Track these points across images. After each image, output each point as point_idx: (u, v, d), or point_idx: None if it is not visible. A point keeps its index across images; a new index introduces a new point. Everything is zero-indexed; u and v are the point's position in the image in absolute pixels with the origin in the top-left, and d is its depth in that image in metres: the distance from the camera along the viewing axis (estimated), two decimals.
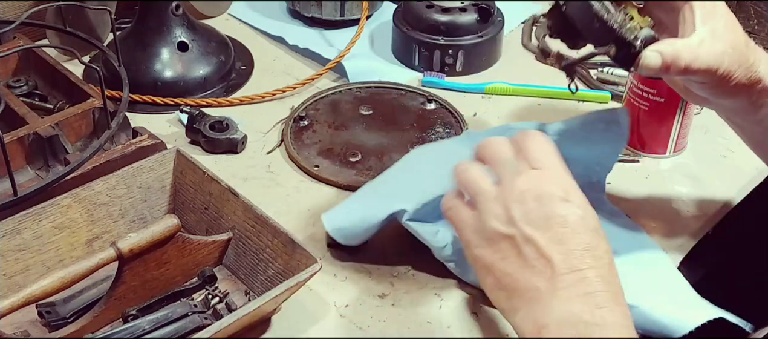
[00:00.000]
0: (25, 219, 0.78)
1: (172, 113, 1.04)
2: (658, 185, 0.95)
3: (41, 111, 0.96)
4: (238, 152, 0.98)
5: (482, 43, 1.13)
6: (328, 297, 0.81)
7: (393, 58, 1.17)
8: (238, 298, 0.79)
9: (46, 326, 0.75)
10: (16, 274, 0.77)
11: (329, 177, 0.94)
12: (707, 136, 1.02)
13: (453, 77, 1.12)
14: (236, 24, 1.24)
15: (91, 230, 0.82)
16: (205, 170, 0.84)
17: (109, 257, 0.73)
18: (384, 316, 0.79)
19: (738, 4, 1.18)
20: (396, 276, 0.83)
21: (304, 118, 1.03)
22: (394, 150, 0.99)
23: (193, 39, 1.09)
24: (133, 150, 0.90)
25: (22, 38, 1.05)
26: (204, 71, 1.08)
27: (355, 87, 1.09)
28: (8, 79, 1.02)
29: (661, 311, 0.76)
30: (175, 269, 0.78)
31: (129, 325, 0.73)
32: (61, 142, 0.90)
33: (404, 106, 1.07)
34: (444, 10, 1.12)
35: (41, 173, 0.90)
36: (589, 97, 1.09)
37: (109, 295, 0.75)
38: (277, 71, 1.14)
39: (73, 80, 0.98)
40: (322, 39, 1.20)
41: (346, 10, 1.20)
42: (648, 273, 0.81)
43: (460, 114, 1.04)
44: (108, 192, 0.83)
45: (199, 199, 0.85)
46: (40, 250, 0.79)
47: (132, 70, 1.00)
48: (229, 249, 0.82)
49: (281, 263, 0.77)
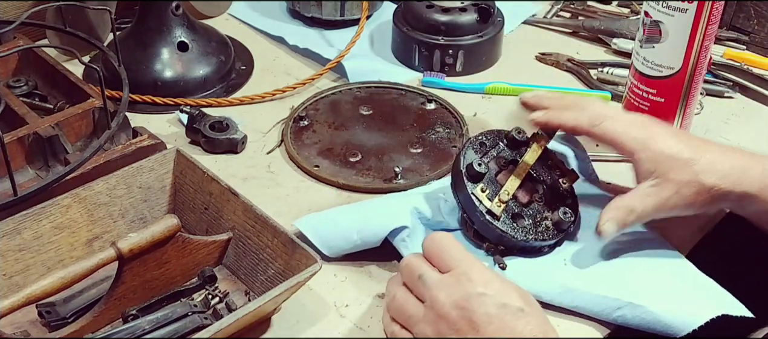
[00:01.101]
0: (25, 219, 0.78)
1: (172, 113, 1.04)
2: None
3: (41, 111, 0.96)
4: (238, 152, 0.98)
5: (482, 43, 1.13)
6: (328, 297, 0.81)
7: (393, 58, 1.17)
8: (238, 298, 0.79)
9: (46, 326, 0.75)
10: (16, 274, 0.77)
11: (329, 177, 0.94)
12: (707, 136, 1.02)
13: (453, 77, 1.12)
14: (236, 24, 1.24)
15: (91, 230, 0.82)
16: (205, 170, 0.84)
17: (109, 257, 0.73)
18: None
19: (738, 4, 1.18)
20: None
21: (304, 118, 1.03)
22: (394, 150, 0.99)
23: (193, 39, 1.09)
24: (133, 150, 0.90)
25: (22, 38, 1.05)
26: (204, 71, 1.08)
27: (355, 87, 1.09)
28: (8, 79, 1.02)
29: (665, 310, 0.76)
30: (175, 269, 0.78)
31: (129, 325, 0.73)
32: (61, 142, 0.90)
33: (404, 106, 1.07)
34: (444, 10, 1.12)
35: (41, 173, 0.90)
36: (589, 97, 1.09)
37: (109, 295, 0.75)
38: (277, 71, 1.14)
39: (73, 80, 0.98)
40: (322, 39, 1.20)
41: (346, 10, 1.20)
42: (653, 269, 0.81)
43: (460, 114, 1.04)
44: (108, 192, 0.83)
45: (199, 199, 0.85)
46: (40, 250, 0.79)
47: (132, 70, 1.00)
48: (229, 249, 0.82)
49: (281, 263, 0.77)
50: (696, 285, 0.80)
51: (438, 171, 0.95)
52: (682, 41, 0.89)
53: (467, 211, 0.82)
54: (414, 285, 0.71)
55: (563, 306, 0.78)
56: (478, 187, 0.81)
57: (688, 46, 0.89)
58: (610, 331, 0.79)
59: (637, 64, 0.93)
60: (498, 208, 0.81)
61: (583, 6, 1.28)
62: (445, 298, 0.68)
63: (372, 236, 0.82)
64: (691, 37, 0.88)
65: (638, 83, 0.95)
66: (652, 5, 0.89)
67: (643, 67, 0.93)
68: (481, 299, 0.67)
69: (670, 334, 0.76)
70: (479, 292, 0.68)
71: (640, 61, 0.93)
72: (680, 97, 0.92)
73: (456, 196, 0.83)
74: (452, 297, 0.68)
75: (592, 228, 0.86)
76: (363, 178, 0.94)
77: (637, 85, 0.95)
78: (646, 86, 0.94)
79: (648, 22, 0.90)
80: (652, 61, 0.92)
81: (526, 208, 0.83)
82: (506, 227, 0.81)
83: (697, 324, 0.75)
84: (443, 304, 0.68)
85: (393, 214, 0.82)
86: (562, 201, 0.84)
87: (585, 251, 0.84)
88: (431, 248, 0.73)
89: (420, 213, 0.84)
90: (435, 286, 0.69)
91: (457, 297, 0.68)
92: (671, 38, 0.89)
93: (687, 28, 0.88)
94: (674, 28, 0.88)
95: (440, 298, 0.68)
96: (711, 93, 1.09)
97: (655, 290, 0.78)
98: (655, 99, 0.94)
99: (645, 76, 0.93)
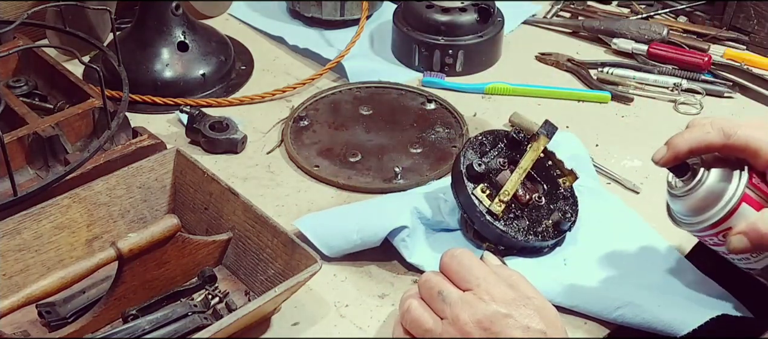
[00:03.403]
0: (25, 219, 0.78)
1: (172, 113, 1.04)
2: (658, 185, 0.94)
3: (41, 111, 0.96)
4: (238, 152, 0.98)
5: (482, 43, 1.13)
6: (328, 297, 0.81)
7: (393, 58, 1.17)
8: (238, 298, 0.79)
9: (46, 326, 0.75)
10: (16, 274, 0.77)
11: (329, 177, 0.94)
12: None
13: (453, 77, 1.12)
14: (236, 24, 1.24)
15: (91, 230, 0.82)
16: (205, 170, 0.84)
17: (109, 257, 0.73)
18: (384, 316, 0.79)
19: (738, 4, 1.18)
20: (396, 276, 0.83)
21: (304, 118, 1.03)
22: (394, 150, 0.99)
23: (193, 39, 1.09)
24: (133, 150, 0.90)
25: (22, 38, 1.05)
26: (204, 71, 1.08)
27: (355, 87, 1.09)
28: (8, 79, 1.02)
29: (665, 310, 0.76)
30: (175, 269, 0.78)
31: (129, 325, 0.73)
32: (61, 142, 0.90)
33: (404, 106, 1.07)
34: (444, 10, 1.12)
35: (41, 173, 0.90)
36: (589, 97, 1.09)
37: (109, 295, 0.75)
38: (277, 71, 1.14)
39: (73, 80, 0.98)
40: (322, 39, 1.20)
41: (346, 10, 1.20)
42: (653, 269, 0.81)
43: (460, 114, 1.04)
44: (108, 192, 0.83)
45: (199, 199, 0.85)
46: (40, 250, 0.79)
47: (132, 70, 1.00)
48: (229, 249, 0.82)
49: (281, 263, 0.77)
50: (696, 285, 0.80)
51: (438, 171, 0.95)
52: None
53: (467, 211, 0.82)
54: (432, 300, 0.71)
55: (563, 306, 0.78)
56: (478, 187, 0.81)
57: None
58: (610, 331, 0.79)
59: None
60: (498, 208, 0.81)
61: (583, 6, 1.28)
62: (468, 316, 0.68)
63: (372, 236, 0.82)
64: None
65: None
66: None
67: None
68: (505, 321, 0.67)
69: (670, 333, 0.76)
70: (504, 313, 0.67)
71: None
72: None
73: (456, 196, 0.83)
74: (475, 316, 0.68)
75: (592, 228, 0.86)
76: (363, 178, 0.94)
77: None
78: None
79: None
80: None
81: (526, 208, 0.83)
82: (506, 227, 0.81)
83: (697, 324, 0.75)
84: (466, 322, 0.68)
85: (393, 214, 0.82)
86: (562, 201, 0.84)
87: (585, 251, 0.84)
88: (451, 264, 0.72)
89: (420, 213, 0.84)
90: (456, 304, 0.69)
91: (480, 316, 0.67)
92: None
93: None
94: None
95: (463, 316, 0.68)
96: (711, 93, 1.09)
97: (655, 290, 0.78)
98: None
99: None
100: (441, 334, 0.69)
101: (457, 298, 0.69)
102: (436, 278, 0.72)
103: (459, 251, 0.73)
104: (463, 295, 0.69)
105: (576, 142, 0.95)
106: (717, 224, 0.71)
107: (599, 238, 0.85)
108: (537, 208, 0.83)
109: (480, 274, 0.70)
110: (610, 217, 0.88)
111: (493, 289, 0.69)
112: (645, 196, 0.93)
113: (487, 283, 0.69)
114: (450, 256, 0.72)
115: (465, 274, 0.71)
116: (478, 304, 0.68)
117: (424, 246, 0.83)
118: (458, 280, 0.71)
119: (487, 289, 0.69)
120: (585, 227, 0.85)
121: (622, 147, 1.00)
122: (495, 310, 0.67)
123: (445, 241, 0.84)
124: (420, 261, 0.82)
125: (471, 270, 0.71)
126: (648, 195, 0.93)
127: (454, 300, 0.69)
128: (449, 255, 0.73)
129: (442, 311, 0.69)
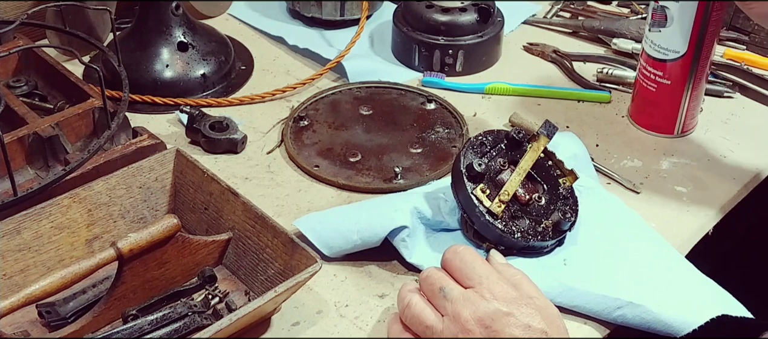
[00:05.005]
0: (25, 219, 0.78)
1: (172, 113, 1.04)
2: (658, 185, 0.95)
3: (41, 111, 0.96)
4: (238, 152, 0.98)
5: (482, 43, 1.13)
6: (328, 297, 0.81)
7: (393, 58, 1.17)
8: (238, 298, 0.79)
9: (46, 326, 0.75)
10: (16, 274, 0.77)
11: (329, 177, 0.94)
12: (707, 135, 1.02)
13: (453, 77, 1.12)
14: (236, 24, 1.24)
15: (91, 230, 0.82)
16: (205, 170, 0.84)
17: (109, 257, 0.73)
18: (384, 316, 0.79)
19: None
20: (396, 276, 0.83)
21: (304, 118, 1.03)
22: (394, 150, 0.99)
23: (193, 39, 1.09)
24: (133, 150, 0.90)
25: (22, 38, 1.05)
26: (204, 71, 1.08)
27: (355, 87, 1.09)
28: (8, 79, 1.02)
29: (665, 310, 0.76)
30: (175, 269, 0.78)
31: (129, 325, 0.73)
32: (61, 142, 0.90)
33: (404, 106, 1.07)
34: (444, 10, 1.12)
35: (41, 173, 0.90)
36: (589, 97, 1.09)
37: (109, 295, 0.75)
38: (277, 71, 1.14)
39: (73, 80, 0.98)
40: (322, 39, 1.20)
41: (346, 10, 1.20)
42: (653, 269, 0.81)
43: (460, 114, 1.04)
44: (108, 192, 0.83)
45: (199, 199, 0.85)
46: (40, 250, 0.79)
47: (132, 70, 1.00)
48: (229, 249, 0.82)
49: (281, 263, 0.77)
50: (696, 285, 0.80)
51: (438, 171, 0.95)
52: (686, 27, 0.93)
53: (467, 211, 0.82)
54: (433, 296, 0.71)
55: (563, 306, 0.78)
56: (478, 187, 0.81)
57: (693, 32, 0.93)
58: (610, 331, 0.79)
59: (646, 47, 0.98)
60: (498, 208, 0.81)
61: (583, 6, 1.28)
62: (470, 314, 0.68)
63: (372, 236, 0.82)
64: (696, 23, 0.92)
65: (646, 64, 0.99)
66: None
67: (651, 50, 0.97)
68: (507, 319, 0.67)
69: (670, 334, 0.76)
70: (505, 312, 0.67)
71: (648, 44, 0.97)
72: (686, 80, 0.96)
73: (456, 196, 0.83)
74: (477, 313, 0.68)
75: (592, 228, 0.86)
76: (363, 178, 0.94)
77: (645, 67, 0.99)
78: (653, 68, 0.98)
79: (655, 6, 0.95)
80: (658, 45, 0.96)
81: (526, 208, 0.83)
82: (506, 227, 0.81)
83: (697, 324, 0.75)
84: (467, 319, 0.68)
85: (393, 214, 0.82)
86: (562, 201, 0.84)
87: (585, 251, 0.84)
88: (454, 261, 0.72)
89: (420, 213, 0.84)
90: (458, 301, 0.69)
91: (482, 314, 0.67)
92: (676, 23, 0.93)
93: (691, 14, 0.92)
94: (679, 14, 0.93)
95: (464, 313, 0.68)
96: (711, 93, 1.09)
97: (655, 290, 0.78)
98: (662, 81, 0.98)
99: (652, 58, 0.97)
100: (442, 332, 0.68)
101: (459, 295, 0.69)
102: (438, 274, 0.72)
103: (462, 248, 0.73)
104: (464, 292, 0.69)
105: (576, 142, 0.95)
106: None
107: (599, 239, 0.85)
108: (537, 208, 0.83)
109: (482, 272, 0.70)
110: (610, 217, 0.87)
111: (495, 287, 0.69)
112: (645, 196, 0.93)
113: (489, 280, 0.69)
114: (452, 253, 0.72)
115: (467, 271, 0.71)
116: (479, 301, 0.68)
117: (424, 246, 0.83)
118: (460, 277, 0.71)
119: (489, 287, 0.69)
120: (585, 227, 0.85)
121: (622, 147, 1.00)
122: (496, 309, 0.67)
123: (445, 241, 0.84)
124: (420, 261, 0.82)
125: (473, 267, 0.71)
126: (648, 195, 0.93)
127: (456, 297, 0.69)
128: (452, 251, 0.73)
129: (443, 308, 0.69)
